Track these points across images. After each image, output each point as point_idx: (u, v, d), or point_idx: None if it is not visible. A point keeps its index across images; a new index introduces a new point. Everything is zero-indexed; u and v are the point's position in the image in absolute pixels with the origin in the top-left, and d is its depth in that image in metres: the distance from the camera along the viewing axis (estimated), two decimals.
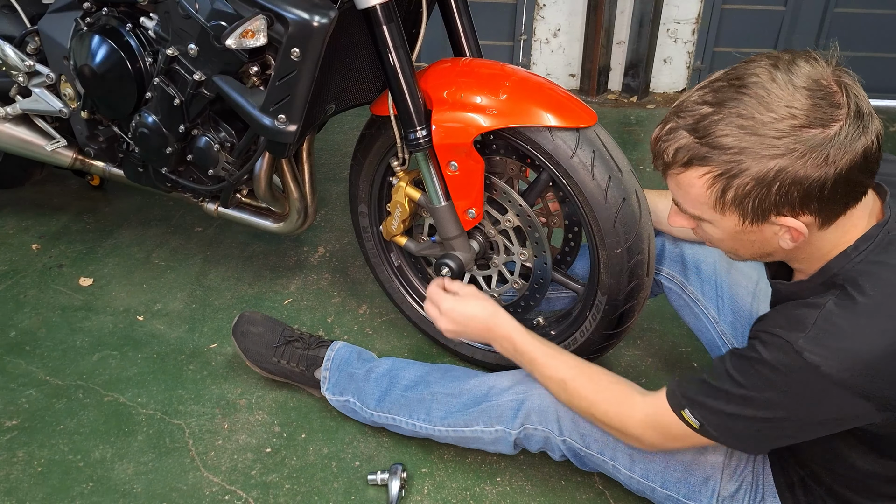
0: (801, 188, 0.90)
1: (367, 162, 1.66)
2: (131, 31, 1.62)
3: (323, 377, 1.55)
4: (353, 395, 1.51)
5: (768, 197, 0.91)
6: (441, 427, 1.41)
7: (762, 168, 0.89)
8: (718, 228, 1.00)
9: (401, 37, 1.38)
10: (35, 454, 1.51)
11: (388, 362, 1.53)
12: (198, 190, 1.75)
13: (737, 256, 1.07)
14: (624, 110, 3.07)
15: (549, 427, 1.30)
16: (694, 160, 0.93)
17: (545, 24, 3.09)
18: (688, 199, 0.99)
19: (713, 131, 0.91)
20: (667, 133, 0.96)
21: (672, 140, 0.95)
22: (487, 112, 1.36)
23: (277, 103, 1.41)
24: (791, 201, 0.91)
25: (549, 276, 1.52)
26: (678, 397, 1.10)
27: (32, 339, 1.81)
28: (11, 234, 2.21)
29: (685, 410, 1.08)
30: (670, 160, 0.96)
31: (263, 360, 1.60)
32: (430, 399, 1.42)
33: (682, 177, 0.96)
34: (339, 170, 2.55)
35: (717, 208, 0.96)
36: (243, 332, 1.62)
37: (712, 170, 0.92)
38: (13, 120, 1.93)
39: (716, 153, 0.91)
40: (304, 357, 1.58)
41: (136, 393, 1.66)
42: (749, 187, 0.91)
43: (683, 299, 1.52)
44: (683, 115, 0.95)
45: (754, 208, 0.93)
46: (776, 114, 0.89)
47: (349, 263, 2.10)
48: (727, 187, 0.93)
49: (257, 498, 1.42)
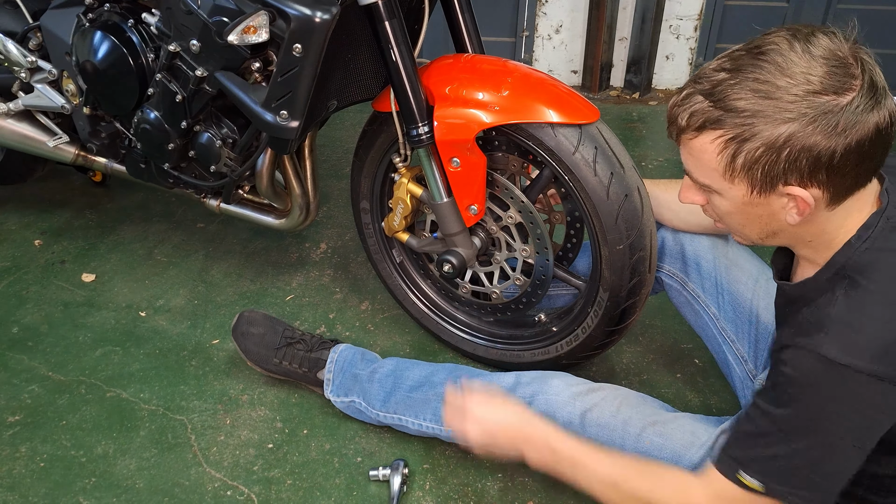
0: (810, 156, 0.89)
1: (369, 158, 1.66)
2: (133, 27, 1.62)
3: (326, 379, 1.55)
4: (357, 396, 1.51)
5: (777, 164, 0.90)
6: (446, 426, 1.40)
7: (773, 132, 0.89)
8: (727, 200, 0.98)
9: (403, 33, 1.38)
10: (37, 449, 1.51)
11: (392, 363, 1.53)
12: (200, 186, 1.75)
13: (744, 236, 1.05)
14: (626, 107, 3.07)
15: None
16: (707, 124, 0.93)
17: (547, 20, 3.09)
18: (699, 166, 0.98)
19: (728, 94, 0.91)
20: (683, 99, 0.96)
21: (687, 105, 0.95)
22: (489, 108, 1.36)
23: (279, 99, 1.41)
24: (800, 169, 0.90)
25: (550, 273, 1.52)
26: (727, 461, 1.04)
27: (35, 334, 1.82)
28: (14, 230, 2.21)
29: (740, 472, 1.02)
30: (684, 125, 0.96)
31: (265, 360, 1.60)
32: (435, 400, 1.42)
33: (695, 142, 0.96)
34: (341, 166, 2.55)
35: (726, 175, 0.95)
36: (243, 333, 1.61)
37: (724, 133, 0.92)
38: (15, 116, 1.93)
39: (729, 116, 0.91)
40: (307, 359, 1.57)
41: (139, 388, 1.66)
42: (759, 152, 0.91)
43: (684, 296, 1.52)
44: (700, 81, 0.95)
45: (763, 176, 0.92)
46: (792, 79, 0.88)
47: (351, 260, 2.10)
48: (738, 152, 0.92)
49: (259, 493, 1.43)
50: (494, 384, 1.35)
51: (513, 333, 1.67)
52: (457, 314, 1.75)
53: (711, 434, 1.23)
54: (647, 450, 1.24)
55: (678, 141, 0.99)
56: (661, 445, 1.23)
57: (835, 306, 0.94)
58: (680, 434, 1.24)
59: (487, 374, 1.43)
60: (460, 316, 1.74)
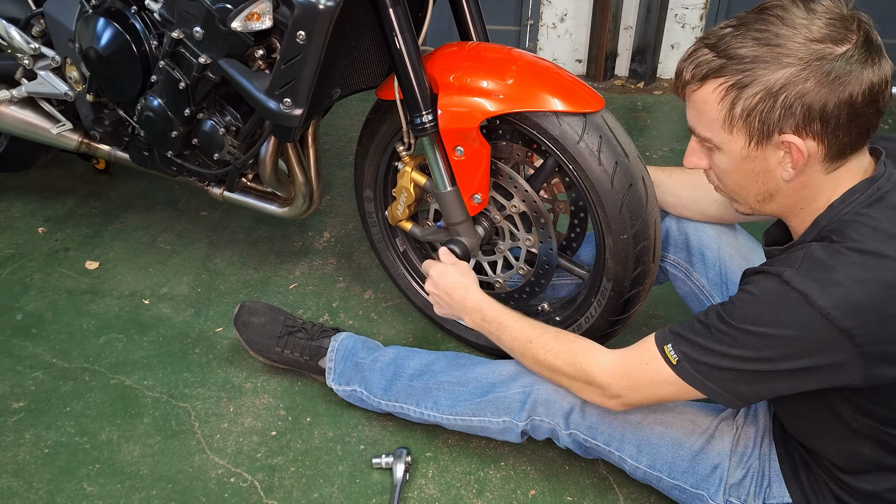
0: (804, 102, 0.93)
1: (373, 147, 1.66)
2: (136, 14, 1.61)
3: (328, 368, 1.56)
4: (359, 385, 1.51)
5: (773, 110, 0.94)
6: (449, 415, 1.41)
7: (771, 77, 0.93)
8: (726, 155, 1.02)
9: (407, 20, 1.37)
10: (42, 436, 1.52)
11: (393, 351, 1.53)
12: (203, 174, 1.75)
13: (742, 200, 1.08)
14: (631, 96, 3.05)
15: (555, 420, 1.30)
16: (710, 73, 0.97)
17: (552, 8, 3.07)
18: (701, 119, 1.01)
19: (731, 44, 0.96)
20: (689, 54, 1.01)
21: (693, 58, 1.00)
22: (494, 97, 1.35)
23: (283, 87, 1.40)
24: (794, 116, 0.94)
25: (554, 262, 1.51)
26: (664, 333, 1.10)
27: (39, 321, 1.82)
28: (17, 218, 2.21)
29: (668, 346, 1.08)
30: (689, 77, 1.00)
31: (267, 350, 1.60)
32: (435, 388, 1.43)
33: (698, 93, 1.00)
34: (344, 154, 2.55)
35: (725, 124, 0.99)
36: (245, 323, 1.62)
37: (726, 80, 0.96)
38: (19, 103, 1.93)
39: (731, 63, 0.95)
40: (308, 347, 1.58)
41: (143, 376, 1.66)
42: (757, 98, 0.95)
43: (689, 286, 1.52)
44: (707, 37, 1.00)
45: (760, 123, 0.96)
46: (794, 29, 0.93)
47: (354, 248, 2.10)
48: (737, 98, 0.96)
49: (262, 480, 1.43)
50: (464, 264, 1.46)
51: None
52: None
53: (712, 421, 1.24)
54: (647, 437, 1.24)
55: (683, 95, 1.04)
56: (662, 433, 1.24)
57: (807, 249, 0.97)
58: (680, 421, 1.25)
59: (487, 361, 1.43)
60: None
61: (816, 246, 0.97)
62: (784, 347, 0.96)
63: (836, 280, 0.93)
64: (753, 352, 0.99)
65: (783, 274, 0.96)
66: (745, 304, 1.00)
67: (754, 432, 1.22)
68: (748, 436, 1.22)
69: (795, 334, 0.95)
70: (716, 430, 1.23)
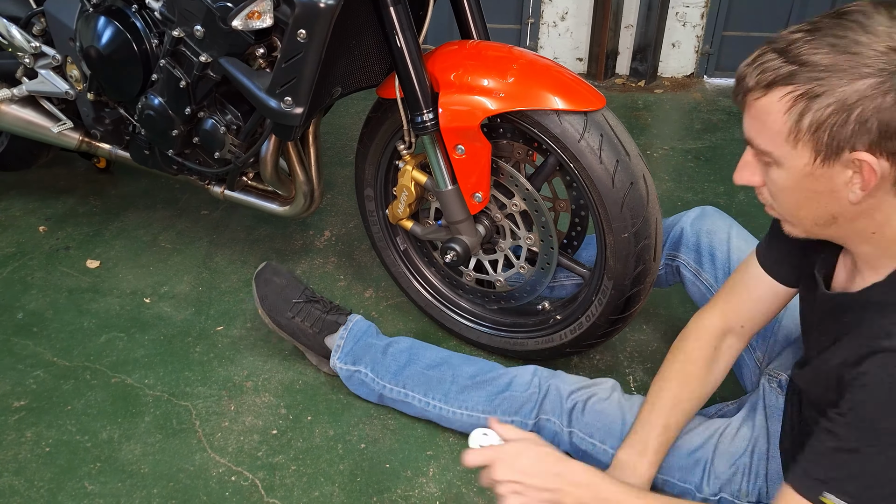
0: (882, 118, 0.83)
1: (374, 145, 1.65)
2: (137, 13, 1.61)
3: (337, 345, 1.54)
4: (365, 366, 1.51)
5: (847, 125, 0.84)
6: (456, 409, 1.41)
7: (847, 89, 0.83)
8: (786, 171, 0.91)
9: (408, 19, 1.37)
10: (43, 434, 1.52)
11: (409, 341, 1.54)
12: (204, 173, 1.75)
13: (797, 221, 0.97)
14: (631, 95, 3.05)
15: (559, 419, 1.31)
16: (778, 80, 0.87)
17: (553, 7, 3.07)
18: (762, 130, 0.91)
19: (803, 50, 0.86)
20: (754, 58, 0.91)
21: (758, 63, 0.89)
22: (495, 95, 1.35)
23: (283, 85, 1.40)
24: (870, 133, 0.84)
25: (555, 261, 1.51)
26: (810, 484, 0.92)
27: (40, 320, 1.82)
28: (18, 217, 2.21)
29: (823, 494, 0.91)
30: (753, 84, 0.90)
31: (278, 312, 1.58)
32: (450, 380, 1.43)
33: (762, 101, 0.89)
34: (345, 153, 2.55)
35: (790, 137, 0.88)
36: (266, 280, 1.60)
37: (795, 89, 0.86)
38: (20, 102, 1.93)
39: (803, 70, 0.85)
40: (322, 320, 1.56)
41: (143, 374, 1.66)
42: (829, 111, 0.84)
43: (697, 286, 1.53)
44: (775, 41, 0.90)
45: (830, 139, 0.86)
46: (875, 36, 0.83)
47: (355, 247, 2.10)
48: (806, 110, 0.86)
49: (263, 479, 1.43)
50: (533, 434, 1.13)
51: (517, 321, 1.67)
52: (461, 302, 1.74)
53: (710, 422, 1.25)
54: None
55: (743, 104, 0.93)
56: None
57: None
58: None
59: (502, 367, 1.43)
60: (464, 304, 1.74)
61: None
62: None
63: None
64: None
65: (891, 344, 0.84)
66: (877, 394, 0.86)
67: (749, 432, 1.23)
68: (742, 437, 1.23)
69: None
70: (716, 431, 1.23)
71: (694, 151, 2.65)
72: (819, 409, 0.99)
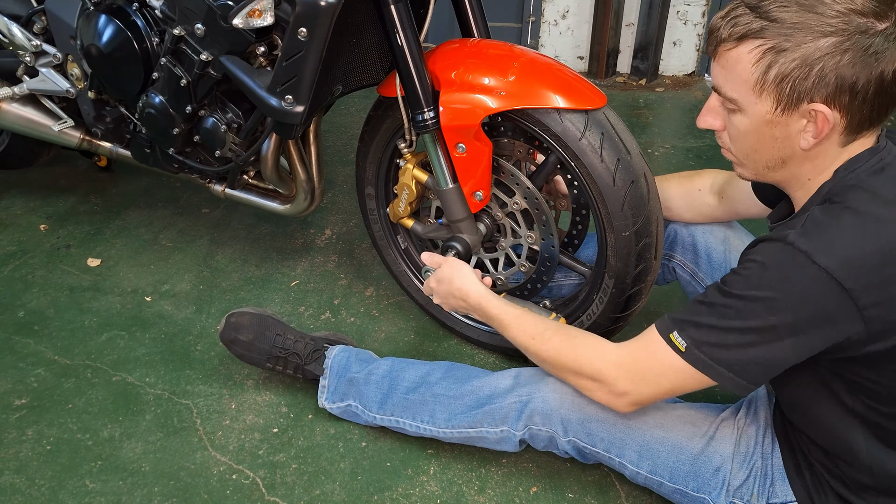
0: (838, 74, 0.93)
1: (375, 144, 1.65)
2: (138, 11, 1.61)
3: (322, 386, 1.52)
4: (354, 399, 1.48)
5: (808, 79, 0.94)
6: (445, 429, 1.39)
7: (811, 46, 0.93)
8: (748, 118, 1.01)
9: (409, 17, 1.37)
10: (44, 433, 1.52)
11: (388, 363, 1.49)
12: (205, 171, 1.75)
13: (750, 163, 1.07)
14: (632, 93, 3.05)
15: (553, 428, 1.28)
16: (749, 34, 0.96)
17: (554, 5, 3.07)
18: (730, 78, 1.00)
19: (773, 7, 0.95)
20: (727, 11, 0.99)
21: (731, 16, 0.98)
22: (495, 93, 1.35)
23: (284, 84, 1.40)
24: (827, 86, 0.94)
25: (556, 259, 1.51)
26: (666, 322, 1.09)
27: (41, 318, 1.82)
28: (19, 215, 2.21)
29: (673, 333, 1.06)
30: (725, 35, 0.99)
31: (259, 363, 1.56)
32: (432, 401, 1.40)
33: (732, 52, 0.99)
34: (346, 152, 2.55)
35: (756, 87, 0.98)
36: (232, 341, 1.56)
37: (764, 43, 0.95)
38: (20, 100, 1.93)
39: (772, 26, 0.95)
40: (301, 370, 1.55)
41: (144, 373, 1.67)
42: (793, 65, 0.94)
43: (693, 286, 1.53)
44: None
45: (791, 90, 0.96)
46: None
47: (356, 246, 2.10)
48: (773, 63, 0.95)
49: (264, 477, 1.43)
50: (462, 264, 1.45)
51: None
52: None
53: (712, 423, 1.23)
54: (647, 442, 1.23)
55: (715, 53, 1.02)
56: (662, 438, 1.23)
57: (809, 213, 0.98)
58: (680, 425, 1.23)
59: (483, 373, 1.40)
60: None
61: (819, 209, 0.98)
62: (790, 310, 0.96)
63: (838, 240, 0.94)
64: (760, 320, 0.98)
65: (787, 237, 0.96)
66: (749, 271, 1.00)
67: (755, 431, 1.21)
68: (749, 435, 1.21)
69: (801, 294, 0.95)
70: (716, 432, 1.22)
71: (695, 150, 2.64)
72: None
